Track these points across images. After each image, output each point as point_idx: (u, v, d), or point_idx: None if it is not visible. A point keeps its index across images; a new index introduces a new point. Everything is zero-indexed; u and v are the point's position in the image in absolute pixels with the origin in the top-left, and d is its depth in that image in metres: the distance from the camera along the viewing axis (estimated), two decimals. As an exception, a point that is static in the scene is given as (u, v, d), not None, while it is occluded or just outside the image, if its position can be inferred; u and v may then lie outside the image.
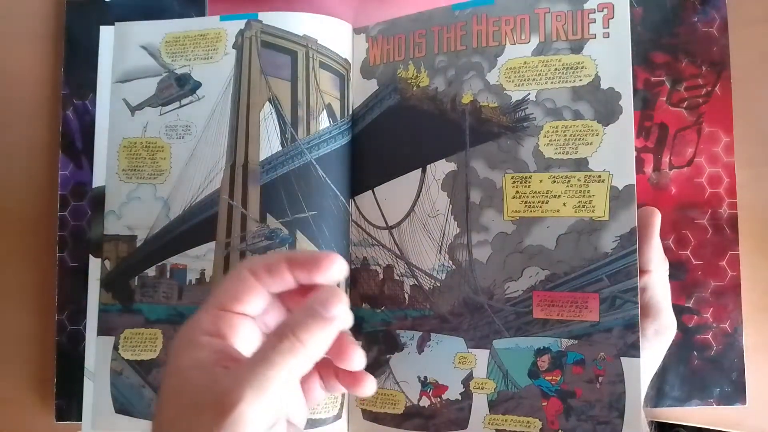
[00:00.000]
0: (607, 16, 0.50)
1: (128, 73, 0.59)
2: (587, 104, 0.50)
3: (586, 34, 0.50)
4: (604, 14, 0.50)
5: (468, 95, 0.53)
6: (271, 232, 0.55)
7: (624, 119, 0.49)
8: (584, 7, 0.51)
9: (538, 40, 0.52)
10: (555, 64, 0.51)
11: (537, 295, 0.51)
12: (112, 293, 0.57)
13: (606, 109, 0.50)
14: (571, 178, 0.51)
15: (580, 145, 0.51)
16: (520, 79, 0.52)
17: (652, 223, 0.50)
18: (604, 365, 0.49)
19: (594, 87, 0.50)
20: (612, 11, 0.50)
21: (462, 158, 0.53)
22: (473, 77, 0.53)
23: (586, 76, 0.50)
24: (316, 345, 0.34)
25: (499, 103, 0.52)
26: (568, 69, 0.51)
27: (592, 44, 0.50)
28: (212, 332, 0.36)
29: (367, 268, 0.56)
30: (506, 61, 0.52)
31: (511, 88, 0.52)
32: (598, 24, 0.50)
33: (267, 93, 0.56)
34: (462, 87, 0.53)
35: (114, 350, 0.56)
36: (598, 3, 0.50)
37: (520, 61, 0.52)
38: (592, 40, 0.50)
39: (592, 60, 0.50)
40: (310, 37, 0.56)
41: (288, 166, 0.55)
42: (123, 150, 0.58)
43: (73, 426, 0.58)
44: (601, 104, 0.50)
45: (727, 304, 0.57)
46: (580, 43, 0.51)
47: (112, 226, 0.58)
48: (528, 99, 0.52)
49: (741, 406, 0.56)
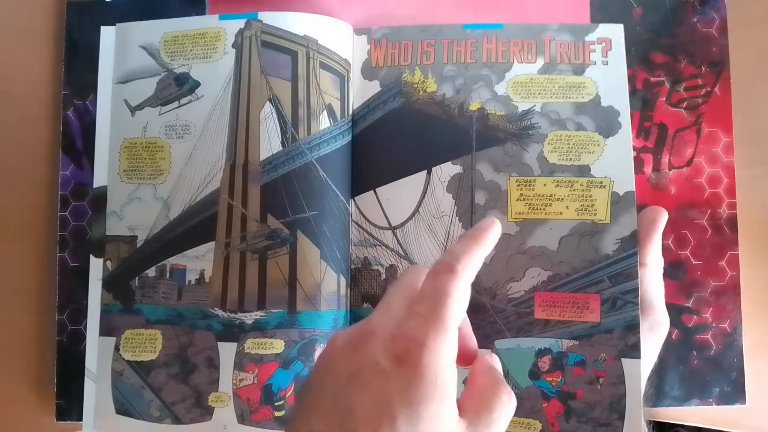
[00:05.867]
0: (605, 48, 0.55)
1: (129, 73, 0.58)
2: (589, 118, 0.54)
3: (587, 60, 0.55)
4: (603, 46, 0.55)
5: (476, 103, 0.55)
6: (272, 232, 0.55)
7: (623, 133, 0.53)
8: (585, 40, 0.55)
9: (544, 62, 0.55)
10: (559, 82, 0.54)
11: (539, 296, 0.51)
12: (113, 294, 0.57)
13: (606, 124, 0.53)
14: (574, 183, 0.52)
15: (583, 153, 0.53)
16: (527, 93, 0.55)
17: (657, 221, 0.52)
18: (604, 366, 0.50)
19: (595, 104, 0.54)
20: (610, 44, 0.55)
21: (468, 161, 0.54)
22: (481, 87, 0.55)
23: (588, 95, 0.54)
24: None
25: (505, 111, 0.55)
26: (571, 87, 0.54)
27: (592, 69, 0.55)
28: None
29: (369, 267, 0.56)
30: (513, 76, 0.55)
31: (518, 100, 0.55)
32: (597, 53, 0.55)
33: (267, 93, 0.56)
34: (470, 95, 0.55)
35: (115, 351, 0.56)
36: (597, 37, 0.55)
37: (526, 77, 0.55)
38: (592, 66, 0.54)
39: (593, 81, 0.54)
40: (310, 38, 0.56)
41: (289, 166, 0.55)
42: (124, 150, 0.58)
43: (73, 426, 0.58)
44: (601, 119, 0.54)
45: (726, 303, 0.57)
46: (581, 67, 0.55)
47: (114, 226, 0.57)
48: (534, 110, 0.54)
49: (740, 405, 0.56)
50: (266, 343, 0.54)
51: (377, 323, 0.36)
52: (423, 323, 0.33)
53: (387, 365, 0.33)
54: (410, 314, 0.34)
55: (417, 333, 0.33)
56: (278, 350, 0.54)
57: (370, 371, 0.33)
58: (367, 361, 0.34)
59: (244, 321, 0.54)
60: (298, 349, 0.54)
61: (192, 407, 0.55)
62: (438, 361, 0.33)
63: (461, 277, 0.35)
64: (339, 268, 0.55)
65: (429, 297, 0.35)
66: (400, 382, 0.32)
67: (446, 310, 0.34)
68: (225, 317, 0.55)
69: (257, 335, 0.54)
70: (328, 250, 0.55)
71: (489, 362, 0.38)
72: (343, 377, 0.34)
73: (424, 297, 0.35)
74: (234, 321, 0.55)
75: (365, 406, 0.33)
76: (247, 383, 0.54)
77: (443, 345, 0.33)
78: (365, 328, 0.36)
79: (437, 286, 0.35)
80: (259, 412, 0.54)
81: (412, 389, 0.32)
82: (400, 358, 0.33)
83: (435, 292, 0.34)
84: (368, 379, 0.33)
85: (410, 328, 0.34)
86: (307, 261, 0.54)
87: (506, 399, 0.36)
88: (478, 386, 0.37)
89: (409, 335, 0.33)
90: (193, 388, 0.55)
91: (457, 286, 0.35)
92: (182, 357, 0.55)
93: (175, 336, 0.55)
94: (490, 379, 0.37)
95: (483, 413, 0.35)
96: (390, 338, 0.34)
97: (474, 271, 0.36)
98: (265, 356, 0.54)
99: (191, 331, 0.55)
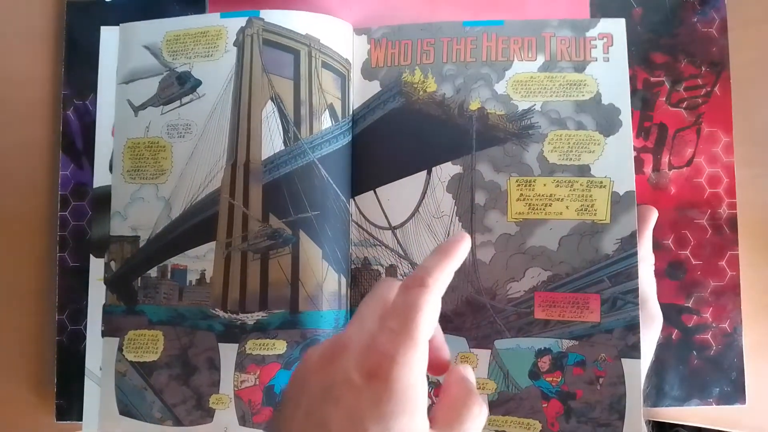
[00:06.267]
0: (606, 44, 0.54)
1: (132, 73, 0.58)
2: (589, 116, 0.54)
3: (588, 57, 0.54)
4: (604, 42, 0.54)
5: (476, 102, 0.55)
6: (274, 231, 0.55)
7: (623, 132, 0.53)
8: (586, 35, 0.54)
9: (544, 59, 0.55)
10: (559, 80, 0.54)
11: (539, 296, 0.51)
12: (116, 294, 0.57)
13: (607, 122, 0.53)
14: (574, 182, 0.52)
15: (583, 153, 0.53)
16: (527, 91, 0.54)
17: (648, 218, 0.53)
18: (604, 366, 0.50)
19: (595, 102, 0.54)
20: (611, 40, 0.55)
21: (468, 161, 0.54)
22: (481, 86, 0.55)
23: (588, 92, 0.54)
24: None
25: (505, 111, 0.54)
26: (571, 85, 0.54)
27: (593, 66, 0.54)
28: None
29: (369, 267, 0.56)
30: (513, 75, 0.55)
31: (518, 99, 0.54)
32: (598, 49, 0.54)
33: (269, 91, 0.56)
34: (470, 94, 0.55)
35: (119, 352, 0.56)
36: (599, 32, 0.54)
37: (526, 76, 0.55)
38: (593, 62, 0.54)
39: (594, 79, 0.54)
40: (312, 37, 0.56)
41: (291, 165, 0.55)
42: (127, 150, 0.58)
43: (73, 426, 0.58)
44: (602, 117, 0.53)
45: (726, 303, 0.57)
46: (582, 64, 0.54)
47: (118, 227, 0.57)
48: (534, 109, 0.54)
49: (740, 405, 0.56)
50: (268, 344, 0.54)
51: (350, 337, 0.36)
52: (394, 338, 0.34)
53: (358, 380, 0.33)
54: (381, 329, 0.35)
55: (388, 348, 0.34)
56: (280, 351, 0.54)
57: (343, 386, 0.34)
58: (339, 376, 0.34)
59: (245, 322, 0.54)
60: (300, 349, 0.54)
61: (193, 409, 0.54)
62: (408, 375, 0.33)
63: (432, 291, 0.35)
64: (340, 268, 0.55)
65: (400, 311, 0.35)
66: (372, 397, 0.33)
67: (416, 324, 0.34)
68: (226, 318, 0.55)
69: (259, 336, 0.54)
70: (329, 250, 0.55)
71: (461, 373, 0.39)
72: (316, 392, 0.35)
73: (395, 311, 0.35)
74: (235, 322, 0.54)
75: (338, 420, 0.33)
76: (249, 385, 0.54)
77: (413, 359, 0.34)
78: (338, 342, 0.36)
79: (408, 300, 0.35)
80: (261, 413, 0.54)
81: (382, 404, 0.33)
82: (371, 373, 0.33)
83: (406, 306, 0.35)
84: (341, 394, 0.34)
85: (381, 343, 0.34)
86: (309, 261, 0.54)
87: (477, 410, 0.36)
88: (450, 397, 0.37)
89: (379, 350, 0.34)
90: (194, 389, 0.55)
91: (427, 300, 0.35)
92: (183, 358, 0.55)
93: (177, 337, 0.55)
94: (462, 390, 0.37)
95: (454, 424, 0.35)
96: (362, 353, 0.34)
97: (444, 285, 0.37)
98: (266, 357, 0.54)
99: (192, 332, 0.55)
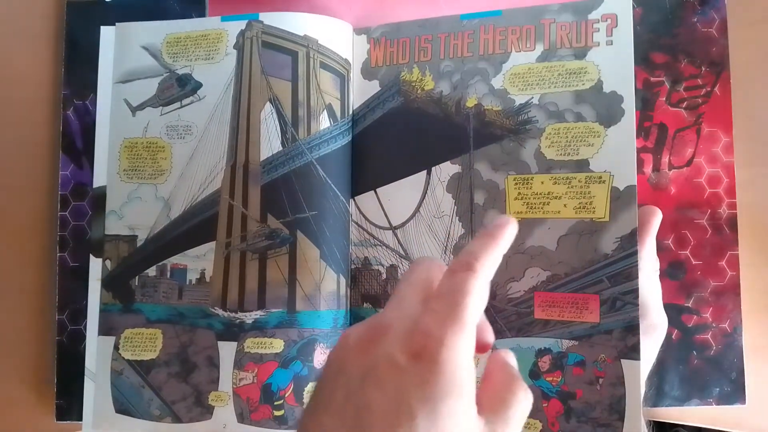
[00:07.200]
0: (610, 26, 0.52)
1: (129, 73, 0.58)
2: (589, 106, 0.52)
3: (589, 42, 0.52)
4: (608, 23, 0.52)
5: (472, 99, 0.54)
6: (271, 231, 0.55)
7: (626, 121, 0.51)
8: (588, 18, 0.52)
9: (543, 48, 0.53)
10: (558, 70, 0.53)
11: (538, 296, 0.51)
12: (112, 293, 0.57)
13: (608, 111, 0.51)
14: (572, 179, 0.51)
15: (582, 147, 0.52)
16: (524, 84, 0.53)
17: (650, 222, 0.52)
18: (604, 367, 0.49)
19: (596, 90, 0.52)
20: (615, 21, 0.52)
21: (466, 160, 0.54)
22: (478, 81, 0.54)
23: (589, 81, 0.52)
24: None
25: (502, 106, 0.54)
26: (571, 74, 0.52)
27: (595, 51, 0.52)
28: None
29: (369, 267, 0.56)
30: (511, 68, 0.54)
31: (515, 93, 0.53)
32: (601, 33, 0.52)
33: (268, 93, 0.56)
34: (467, 91, 0.54)
35: (114, 350, 0.56)
36: (602, 14, 0.52)
37: (524, 67, 0.53)
38: (595, 48, 0.52)
39: (595, 65, 0.52)
40: (310, 38, 0.56)
41: (289, 166, 0.55)
42: (124, 150, 0.58)
43: (73, 426, 0.58)
44: (603, 107, 0.51)
45: (726, 303, 0.57)
46: (583, 50, 0.52)
47: (114, 226, 0.58)
48: (531, 102, 0.53)
49: (740, 405, 0.56)
50: (266, 343, 0.54)
51: (391, 319, 0.35)
52: (441, 321, 0.33)
53: (403, 361, 0.32)
54: (427, 310, 0.34)
55: (434, 329, 0.32)
56: (278, 350, 0.54)
57: (386, 368, 0.32)
58: (382, 358, 0.33)
59: (244, 320, 0.55)
60: (297, 348, 0.54)
61: (192, 406, 0.55)
62: (456, 357, 0.32)
63: (480, 275, 0.34)
64: (339, 268, 0.55)
65: (447, 294, 0.34)
66: (418, 378, 0.32)
67: (464, 307, 0.33)
68: (225, 317, 0.55)
69: (257, 335, 0.54)
70: (327, 250, 0.55)
71: (504, 358, 0.38)
72: (356, 375, 0.33)
73: (441, 294, 0.34)
74: (234, 320, 0.55)
75: (381, 403, 0.32)
76: (247, 382, 0.54)
77: (461, 342, 0.33)
78: (378, 324, 0.35)
79: (456, 283, 0.34)
80: (259, 411, 0.54)
81: (429, 385, 0.31)
82: (417, 354, 0.32)
83: (453, 289, 0.34)
84: (384, 376, 0.32)
85: (427, 324, 0.33)
86: (306, 261, 0.54)
87: (522, 396, 0.35)
88: (495, 383, 0.36)
89: (426, 331, 0.33)
90: (194, 387, 0.55)
91: (475, 285, 0.34)
92: (182, 356, 0.55)
93: (176, 335, 0.56)
94: (506, 375, 0.36)
95: (500, 410, 0.34)
96: (406, 334, 0.33)
97: (492, 270, 0.36)
98: (264, 356, 0.54)
99: (192, 331, 0.55)
